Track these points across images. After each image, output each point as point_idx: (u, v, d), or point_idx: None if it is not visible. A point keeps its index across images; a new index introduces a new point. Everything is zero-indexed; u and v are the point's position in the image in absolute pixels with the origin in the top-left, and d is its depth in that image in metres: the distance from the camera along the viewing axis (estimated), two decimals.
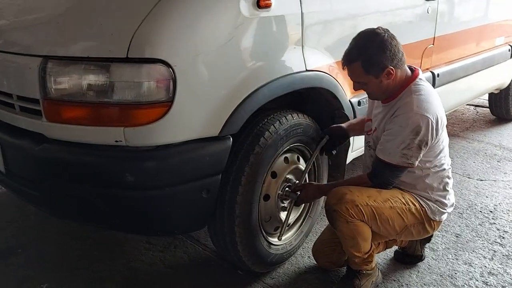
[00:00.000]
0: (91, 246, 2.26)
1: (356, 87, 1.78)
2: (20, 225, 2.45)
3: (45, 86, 1.53)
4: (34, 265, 2.11)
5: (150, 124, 1.48)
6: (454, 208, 2.55)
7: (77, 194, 1.61)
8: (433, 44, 2.57)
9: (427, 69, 2.61)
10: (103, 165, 1.53)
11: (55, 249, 2.24)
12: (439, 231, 2.36)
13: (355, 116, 2.15)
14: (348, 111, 2.11)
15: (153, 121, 1.48)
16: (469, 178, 3.01)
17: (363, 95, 2.19)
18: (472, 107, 4.56)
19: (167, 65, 1.45)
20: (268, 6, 1.66)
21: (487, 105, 4.19)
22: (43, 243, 2.28)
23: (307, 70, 1.86)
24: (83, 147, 1.54)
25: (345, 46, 2.01)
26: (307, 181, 2.09)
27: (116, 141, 1.49)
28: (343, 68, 1.75)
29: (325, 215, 1.85)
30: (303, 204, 2.12)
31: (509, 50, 3.41)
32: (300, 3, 1.77)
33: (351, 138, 2.16)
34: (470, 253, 2.20)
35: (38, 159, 1.61)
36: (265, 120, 1.81)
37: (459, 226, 2.43)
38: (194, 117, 1.55)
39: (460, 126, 4.05)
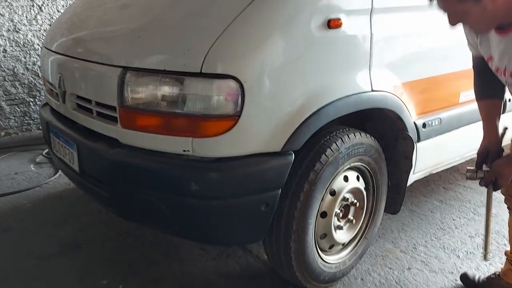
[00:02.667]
0: (149, 247, 2.35)
1: (453, 20, 1.35)
2: (85, 220, 2.59)
3: (122, 95, 1.63)
4: (96, 261, 2.23)
5: (217, 136, 1.54)
6: None
7: (143, 198, 1.70)
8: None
9: None
10: (170, 172, 1.60)
11: (116, 247, 2.36)
12: (501, 264, 2.24)
13: (419, 139, 2.10)
14: (412, 133, 2.07)
15: (220, 134, 1.54)
16: None
17: (428, 117, 2.15)
18: None
19: (237, 81, 1.51)
20: (338, 26, 1.67)
21: None
22: (105, 240, 2.41)
23: (373, 90, 1.85)
24: (153, 154, 1.62)
25: (412, 67, 2.00)
26: (365, 203, 2.07)
27: (184, 151, 1.56)
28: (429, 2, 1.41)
29: (380, 237, 1.81)
30: (360, 224, 2.10)
31: None
32: (370, 25, 1.77)
33: (413, 160, 2.11)
34: None
35: (110, 162, 1.72)
36: (327, 137, 1.82)
37: None
38: (259, 132, 1.59)
39: None
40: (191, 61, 1.52)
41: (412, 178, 2.24)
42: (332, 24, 1.66)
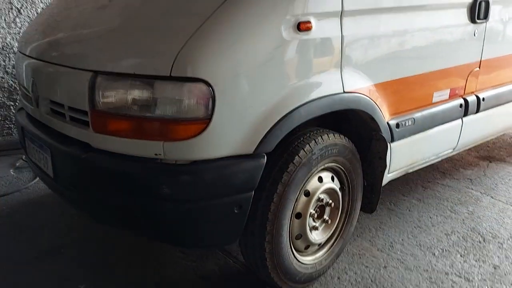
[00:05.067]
0: (128, 251, 2.35)
1: None
2: (64, 225, 2.58)
3: (93, 99, 1.63)
4: (74, 266, 2.22)
5: (188, 139, 1.54)
6: (494, 238, 2.47)
7: (116, 202, 1.70)
8: (479, 68, 2.51)
9: (472, 92, 2.54)
10: (141, 176, 1.60)
11: (94, 251, 2.35)
12: (476, 261, 2.28)
13: (392, 139, 2.13)
14: (386, 133, 2.09)
15: (191, 137, 1.54)
16: None
17: (402, 118, 2.18)
18: None
19: (208, 84, 1.51)
20: (308, 29, 1.69)
21: None
22: (84, 245, 2.40)
23: (345, 92, 1.87)
24: (124, 158, 1.62)
25: (384, 68, 2.03)
26: (341, 203, 2.09)
27: (156, 154, 1.56)
28: None
29: (357, 236, 1.84)
30: (335, 224, 2.12)
31: None
32: (341, 27, 1.79)
33: (387, 160, 2.15)
34: (508, 287, 2.11)
35: (83, 166, 1.71)
36: (301, 139, 1.83)
37: (498, 257, 2.33)
38: (230, 135, 1.60)
39: (507, 150, 3.89)
40: (160, 64, 1.52)
41: (387, 177, 2.27)
42: (302, 27, 1.67)
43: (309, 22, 1.69)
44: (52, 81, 1.87)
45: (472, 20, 2.32)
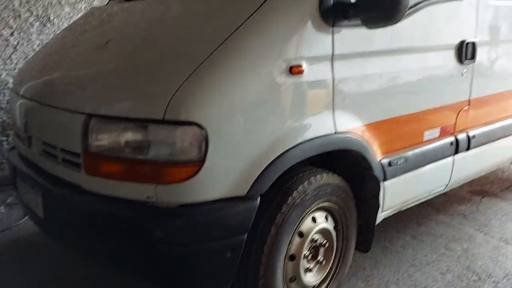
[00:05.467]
0: None
1: None
2: (54, 264, 2.52)
3: (87, 141, 1.63)
4: None
5: (181, 182, 1.54)
6: (489, 277, 2.45)
7: (107, 244, 1.67)
8: (468, 106, 2.55)
9: (462, 130, 2.57)
10: (133, 219, 1.59)
11: None
12: None
13: (385, 178, 2.14)
14: (378, 172, 2.10)
15: (184, 180, 1.54)
16: (507, 244, 2.87)
17: (393, 156, 2.20)
18: None
19: (201, 127, 1.52)
20: (300, 72, 1.72)
21: None
22: (73, 282, 2.35)
23: (337, 133, 1.89)
24: (116, 200, 1.61)
25: (375, 109, 2.06)
26: (335, 243, 2.08)
27: (148, 197, 1.56)
28: None
29: (352, 275, 1.81)
30: (330, 264, 2.09)
31: None
32: (332, 70, 1.83)
33: (380, 198, 2.15)
34: None
35: (74, 208, 1.70)
36: (294, 179, 1.84)
37: None
38: (223, 177, 1.60)
39: (499, 185, 3.91)
40: (154, 108, 1.54)
41: (381, 216, 2.27)
42: (294, 70, 1.71)
43: (300, 65, 1.72)
44: (45, 122, 1.88)
45: (460, 61, 2.38)
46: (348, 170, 2.10)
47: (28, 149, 2.01)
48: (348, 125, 1.94)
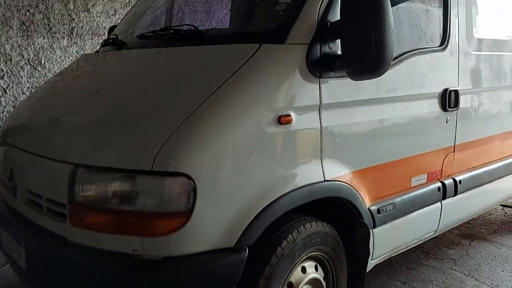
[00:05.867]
0: None
1: None
2: None
3: (73, 192, 1.61)
4: None
5: (168, 234, 1.52)
6: None
7: None
8: (453, 152, 2.59)
9: (449, 176, 2.60)
10: (119, 273, 1.55)
11: None
12: None
13: (374, 226, 2.13)
14: (368, 220, 2.10)
15: (172, 232, 1.52)
16: None
17: (382, 203, 2.20)
18: (500, 207, 4.44)
19: (189, 178, 1.52)
20: (289, 122, 1.75)
21: None
22: None
23: (325, 180, 1.89)
24: (102, 253, 1.57)
25: (363, 156, 2.08)
26: None
27: (134, 250, 1.52)
28: None
29: None
30: None
31: None
32: (320, 119, 1.86)
33: (370, 246, 2.13)
34: None
35: (58, 260, 1.65)
36: (283, 228, 1.82)
37: None
38: (211, 228, 1.58)
39: (488, 228, 3.92)
40: (142, 159, 1.53)
41: (371, 263, 2.24)
42: (283, 120, 1.73)
43: (289, 115, 1.75)
44: (32, 171, 1.86)
45: (444, 109, 2.44)
46: (337, 218, 2.10)
47: (13, 198, 1.97)
48: (337, 173, 1.95)
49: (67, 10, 4.16)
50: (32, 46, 4.10)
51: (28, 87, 4.17)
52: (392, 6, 1.74)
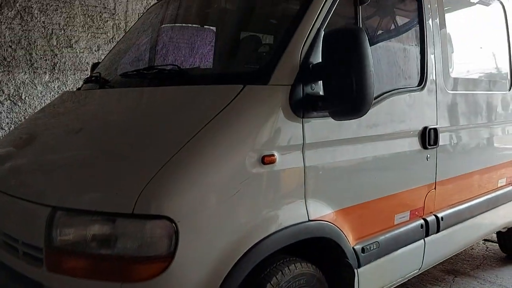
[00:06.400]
0: None
1: None
2: None
3: (50, 236, 1.56)
4: None
5: (149, 280, 1.47)
6: None
7: None
8: (435, 189, 2.62)
9: (431, 212, 2.62)
10: None
11: None
12: None
13: (359, 265, 2.11)
14: (352, 259, 2.08)
15: (152, 277, 1.48)
16: None
17: (366, 242, 2.19)
18: (482, 241, 4.46)
19: (171, 220, 1.49)
20: (272, 162, 1.75)
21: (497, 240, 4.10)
22: None
23: (309, 220, 1.88)
24: None
25: (346, 194, 2.08)
26: None
27: None
28: None
29: None
30: None
31: None
32: (303, 158, 1.86)
33: (355, 286, 2.10)
34: None
35: None
36: (267, 269, 1.78)
37: None
38: (193, 272, 1.54)
39: (470, 263, 3.92)
40: (123, 201, 1.50)
41: None
42: (267, 160, 1.73)
43: (273, 155, 1.75)
44: (8, 213, 1.80)
45: (424, 146, 2.48)
46: (322, 257, 2.07)
47: None
48: (321, 212, 1.94)
49: (50, 46, 4.17)
50: (13, 81, 4.07)
51: (8, 123, 4.11)
52: (371, 45, 1.79)
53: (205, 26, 2.93)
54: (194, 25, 2.97)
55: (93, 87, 2.47)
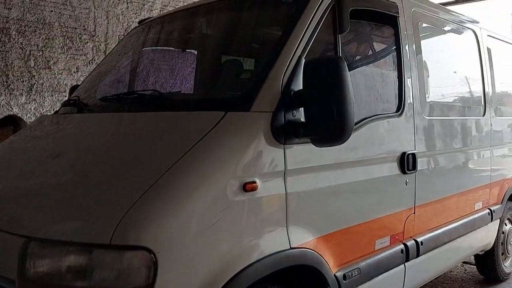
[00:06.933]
0: None
1: None
2: None
3: (24, 267, 1.50)
4: None
5: None
6: None
7: None
8: (414, 213, 2.65)
9: (411, 237, 2.64)
10: None
11: None
12: None
13: None
14: (334, 286, 2.06)
15: None
16: None
17: (347, 268, 2.18)
18: (460, 264, 4.50)
19: (150, 251, 1.45)
20: (254, 189, 1.73)
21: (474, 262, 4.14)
22: None
23: (291, 248, 1.86)
24: None
25: (327, 221, 2.08)
26: None
27: None
28: None
29: None
30: None
31: (488, 214, 3.51)
32: (285, 185, 1.86)
33: None
34: None
35: None
36: None
37: None
38: None
39: (450, 286, 3.95)
40: (100, 231, 1.46)
41: None
42: (248, 187, 1.72)
43: (254, 182, 1.74)
44: None
45: (403, 171, 2.51)
46: (303, 284, 2.05)
47: None
48: (303, 239, 1.93)
49: (27, 67, 4.10)
50: None
51: None
52: (350, 72, 1.81)
53: (186, 50, 2.93)
54: (175, 49, 2.98)
55: (71, 110, 2.43)
